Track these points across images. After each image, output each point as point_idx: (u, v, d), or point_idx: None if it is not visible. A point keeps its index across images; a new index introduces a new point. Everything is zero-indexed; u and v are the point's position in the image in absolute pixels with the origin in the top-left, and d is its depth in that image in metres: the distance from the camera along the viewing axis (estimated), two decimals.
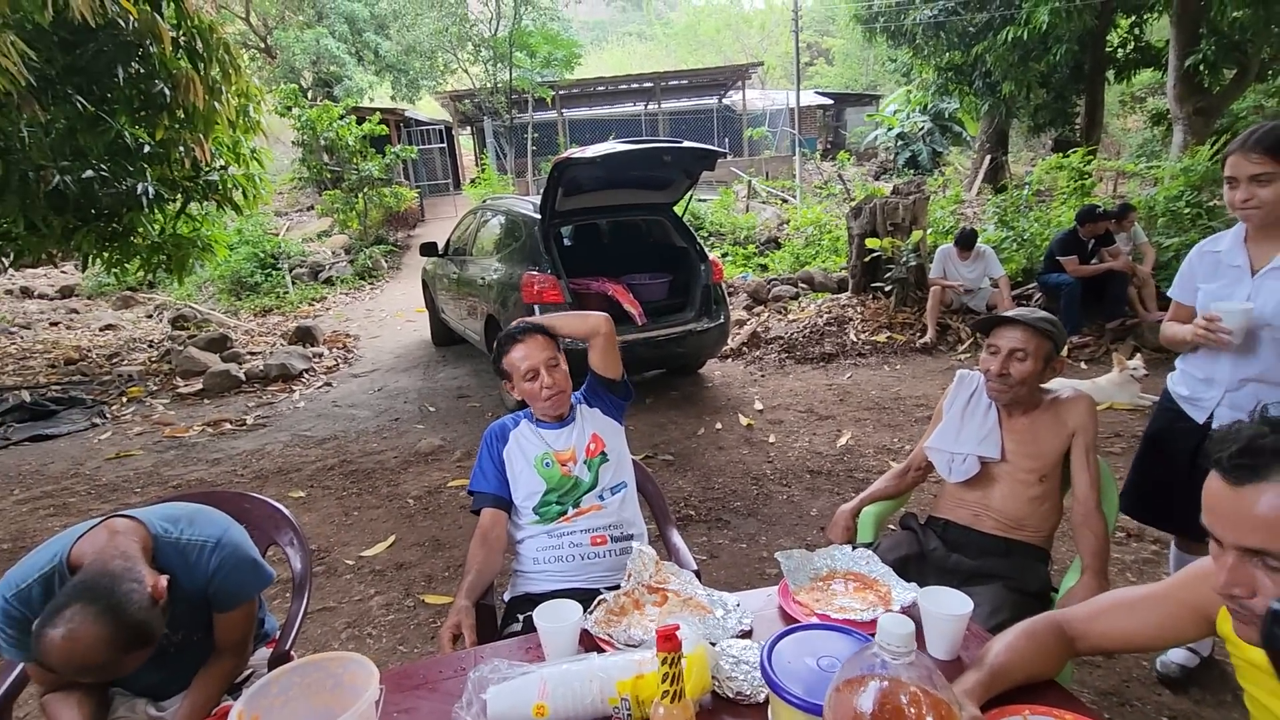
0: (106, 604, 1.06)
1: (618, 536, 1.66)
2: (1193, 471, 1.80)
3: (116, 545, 1.18)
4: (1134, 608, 1.03)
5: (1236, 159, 1.60)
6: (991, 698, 0.98)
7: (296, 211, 16.37)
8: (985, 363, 1.73)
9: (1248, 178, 1.59)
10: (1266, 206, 1.59)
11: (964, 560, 1.69)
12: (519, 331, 1.71)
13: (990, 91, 12.02)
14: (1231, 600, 0.78)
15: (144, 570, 1.15)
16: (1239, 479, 0.74)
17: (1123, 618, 1.03)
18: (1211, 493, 0.78)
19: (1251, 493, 0.73)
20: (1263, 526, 0.73)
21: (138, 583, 1.11)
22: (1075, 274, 5.09)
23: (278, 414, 5.35)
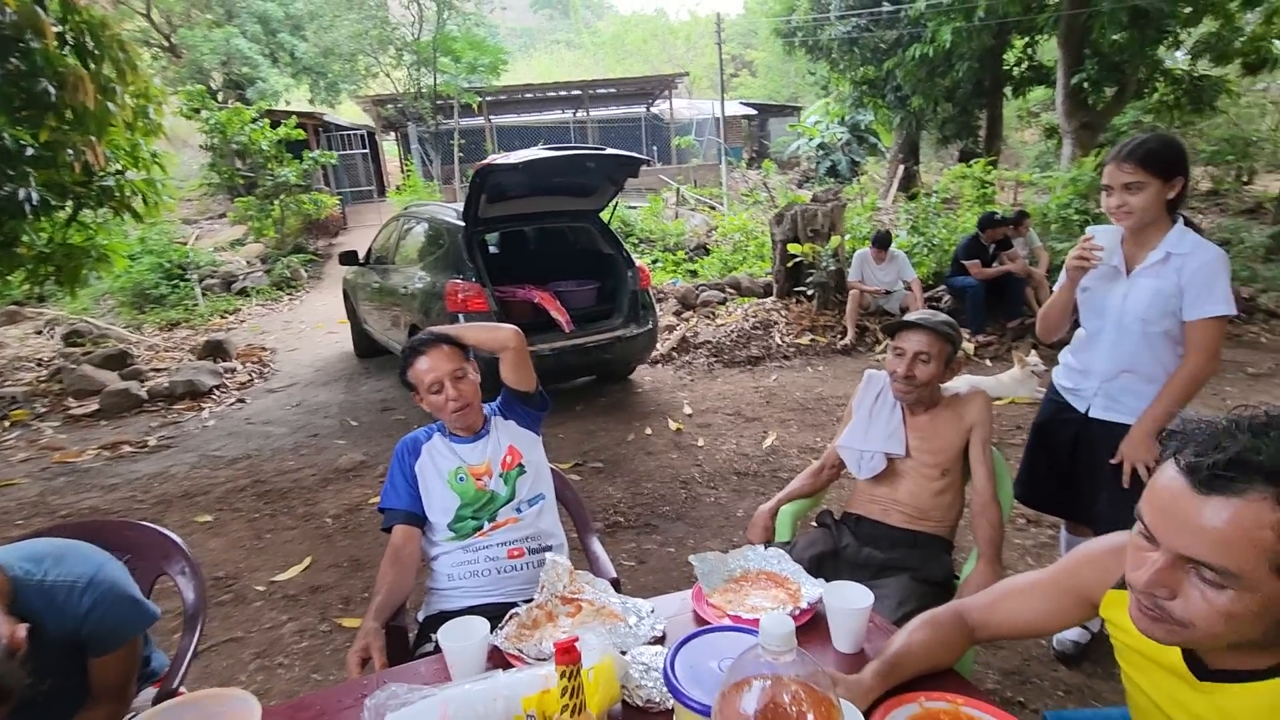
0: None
1: (535, 549, 1.64)
2: (1074, 459, 1.94)
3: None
4: (1025, 595, 1.07)
5: (1111, 168, 1.74)
6: (893, 687, 1.01)
7: (207, 219, 15.49)
8: (892, 364, 1.80)
9: (1121, 185, 1.72)
10: (1138, 212, 1.72)
11: (875, 554, 1.75)
12: (423, 343, 1.66)
13: (901, 105, 12.65)
14: (1148, 597, 0.76)
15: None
16: (1210, 489, 0.70)
17: (1016, 606, 1.07)
18: (1170, 493, 0.73)
19: (1217, 505, 0.69)
20: (1214, 540, 0.69)
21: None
22: (978, 277, 5.41)
23: (184, 434, 5.03)
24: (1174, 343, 1.78)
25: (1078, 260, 1.78)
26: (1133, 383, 1.83)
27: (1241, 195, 13.93)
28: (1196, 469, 0.71)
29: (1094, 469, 1.90)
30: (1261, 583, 0.69)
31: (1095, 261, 1.75)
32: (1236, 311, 1.75)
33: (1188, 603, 0.73)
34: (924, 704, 0.99)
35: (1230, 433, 0.71)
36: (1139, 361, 1.81)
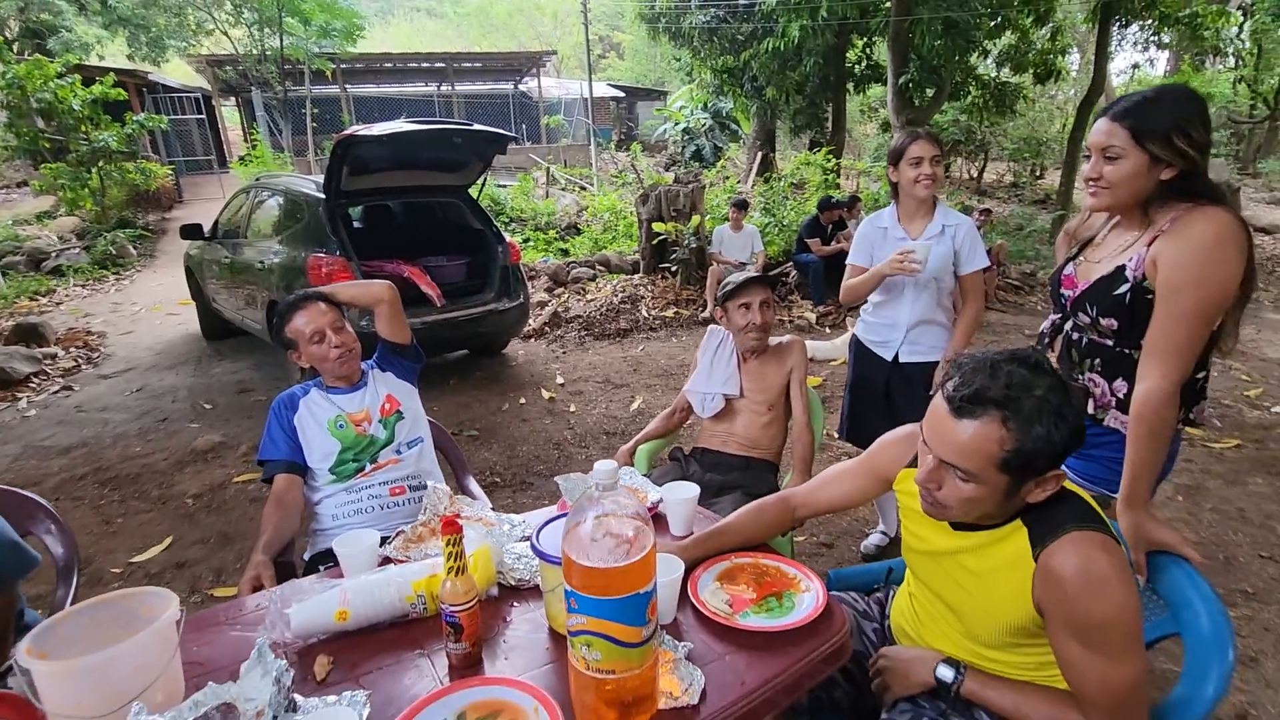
0: None
1: (415, 486, 1.80)
2: (887, 401, 2.36)
3: None
4: (839, 478, 1.36)
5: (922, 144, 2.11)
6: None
7: (2, 188, 13.44)
8: (744, 318, 2.10)
9: (930, 158, 2.11)
10: (940, 181, 2.15)
11: (715, 477, 2.08)
12: (299, 299, 1.76)
13: (757, 94, 13.43)
14: (924, 488, 1.06)
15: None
16: (958, 414, 0.98)
17: (832, 488, 1.36)
18: (936, 414, 1.02)
19: (964, 425, 0.97)
20: (961, 450, 0.97)
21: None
22: (818, 254, 6.05)
23: (1, 425, 4.53)
24: (947, 292, 2.25)
25: (897, 269, 2.10)
26: (927, 327, 2.28)
27: (1035, 188, 16.22)
28: (952, 399, 0.99)
29: (905, 403, 2.34)
30: (991, 478, 0.98)
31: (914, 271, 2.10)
32: (989, 263, 2.24)
33: (946, 491, 1.02)
34: (734, 560, 1.29)
35: (976, 371, 0.99)
36: (930, 310, 2.26)
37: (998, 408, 0.96)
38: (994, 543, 1.07)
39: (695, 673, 0.99)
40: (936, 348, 2.27)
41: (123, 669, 0.89)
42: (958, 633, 1.16)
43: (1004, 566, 1.05)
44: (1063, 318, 1.51)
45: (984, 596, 1.09)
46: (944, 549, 1.14)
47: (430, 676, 1.04)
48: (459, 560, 1.02)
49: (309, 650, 1.10)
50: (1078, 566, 0.96)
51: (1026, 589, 1.02)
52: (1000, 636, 1.09)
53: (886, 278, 2.22)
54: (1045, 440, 0.96)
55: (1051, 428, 0.95)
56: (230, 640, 1.14)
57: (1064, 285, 1.48)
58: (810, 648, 1.08)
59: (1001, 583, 1.06)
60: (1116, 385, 1.41)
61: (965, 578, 1.11)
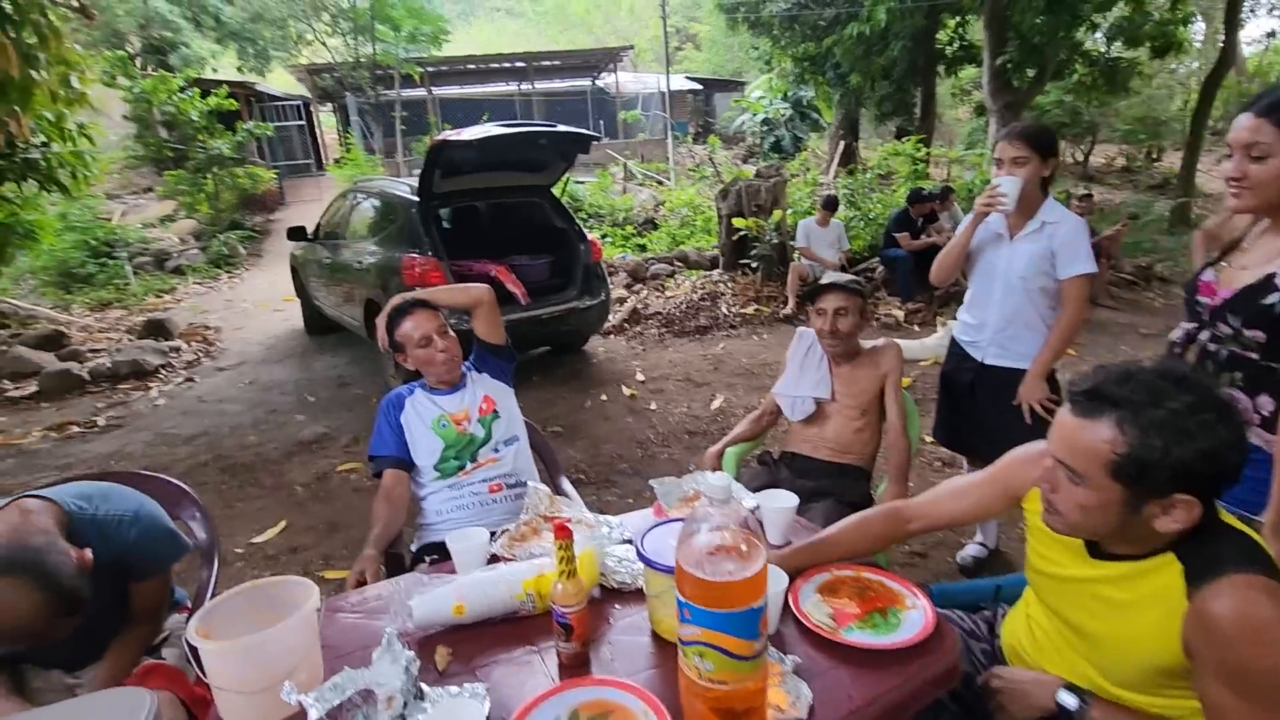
0: (39, 572, 1.11)
1: (513, 484, 1.87)
2: (973, 401, 2.28)
3: (32, 523, 1.21)
4: (961, 493, 1.29)
5: (1003, 145, 2.05)
6: None
7: (131, 194, 14.75)
8: (817, 324, 2.09)
9: (1010, 159, 2.02)
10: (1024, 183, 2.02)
11: (806, 483, 2.05)
12: (406, 306, 1.86)
13: (840, 82, 13.03)
14: (1041, 490, 1.03)
15: (66, 544, 1.19)
16: (1075, 409, 0.96)
17: (951, 502, 1.29)
18: (1060, 414, 1.00)
19: (1078, 422, 0.95)
20: (1071, 447, 0.95)
21: (64, 555, 1.16)
22: (907, 249, 5.83)
23: (134, 414, 5.00)
24: (1047, 296, 2.13)
25: (985, 205, 2.05)
26: (1018, 331, 2.17)
27: (1151, 172, 14.98)
28: (1073, 394, 0.98)
29: (990, 409, 2.25)
30: (1102, 483, 0.94)
31: (1000, 206, 2.02)
32: (1095, 269, 2.09)
33: (1060, 496, 0.99)
34: (835, 572, 1.27)
35: (1108, 372, 0.96)
36: (1022, 313, 2.14)
37: (1114, 407, 0.93)
38: (1140, 575, 1.01)
39: (802, 687, 0.99)
40: (1026, 355, 2.15)
41: (275, 650, 0.98)
42: (1086, 663, 1.10)
43: (1150, 601, 0.99)
44: (1198, 327, 1.40)
45: (1123, 631, 1.03)
46: (1078, 575, 1.08)
47: (542, 673, 1.09)
48: (570, 564, 1.06)
49: (429, 640, 1.17)
50: (1239, 611, 0.89)
51: (1175, 629, 0.96)
52: (1137, 675, 1.03)
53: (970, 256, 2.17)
54: (1161, 453, 0.90)
55: (1174, 444, 0.89)
56: (358, 627, 1.23)
57: (1201, 292, 1.37)
58: (919, 668, 1.06)
59: (1146, 619, 1.00)
60: (1261, 402, 1.30)
61: (1102, 608, 1.06)
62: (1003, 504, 1.25)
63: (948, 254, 2.24)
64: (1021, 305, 2.14)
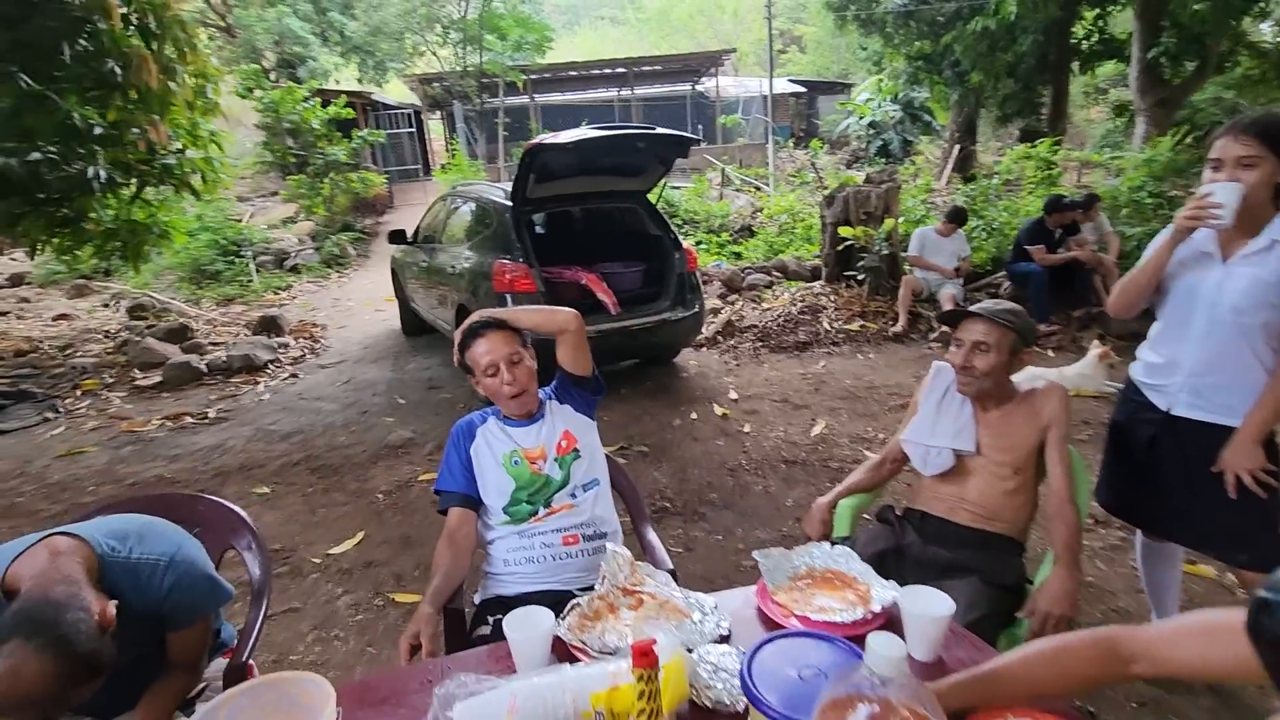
0: (51, 636, 0.97)
1: (590, 535, 1.62)
2: (1152, 463, 1.81)
3: (58, 568, 1.08)
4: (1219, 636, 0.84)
5: (1226, 142, 1.57)
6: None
7: (260, 197, 15.91)
8: (951, 355, 1.73)
9: (1234, 159, 1.55)
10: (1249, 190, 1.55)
11: (941, 552, 1.68)
12: (481, 326, 1.65)
13: (959, 81, 12.13)
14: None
15: (90, 596, 1.06)
16: None
17: (1201, 644, 0.87)
18: None
19: None
20: None
21: (84, 611, 1.02)
22: (1042, 263, 5.17)
23: (241, 407, 5.19)
24: (1271, 336, 1.62)
25: (1191, 218, 1.59)
26: (1223, 379, 1.68)
27: None
28: None
29: (1177, 473, 1.78)
30: None
31: (1213, 220, 1.57)
32: None
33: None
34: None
35: None
36: (1230, 355, 1.65)
37: None
38: None
39: None
40: (1230, 409, 1.65)
41: None
42: None
43: None
44: None
45: None
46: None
47: None
48: (653, 701, 0.78)
49: None
50: None
51: None
52: None
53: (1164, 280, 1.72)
54: None
55: None
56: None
57: None
58: None
59: None
60: None
61: None
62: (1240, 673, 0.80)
63: (1134, 280, 1.76)
64: (1231, 344, 1.64)
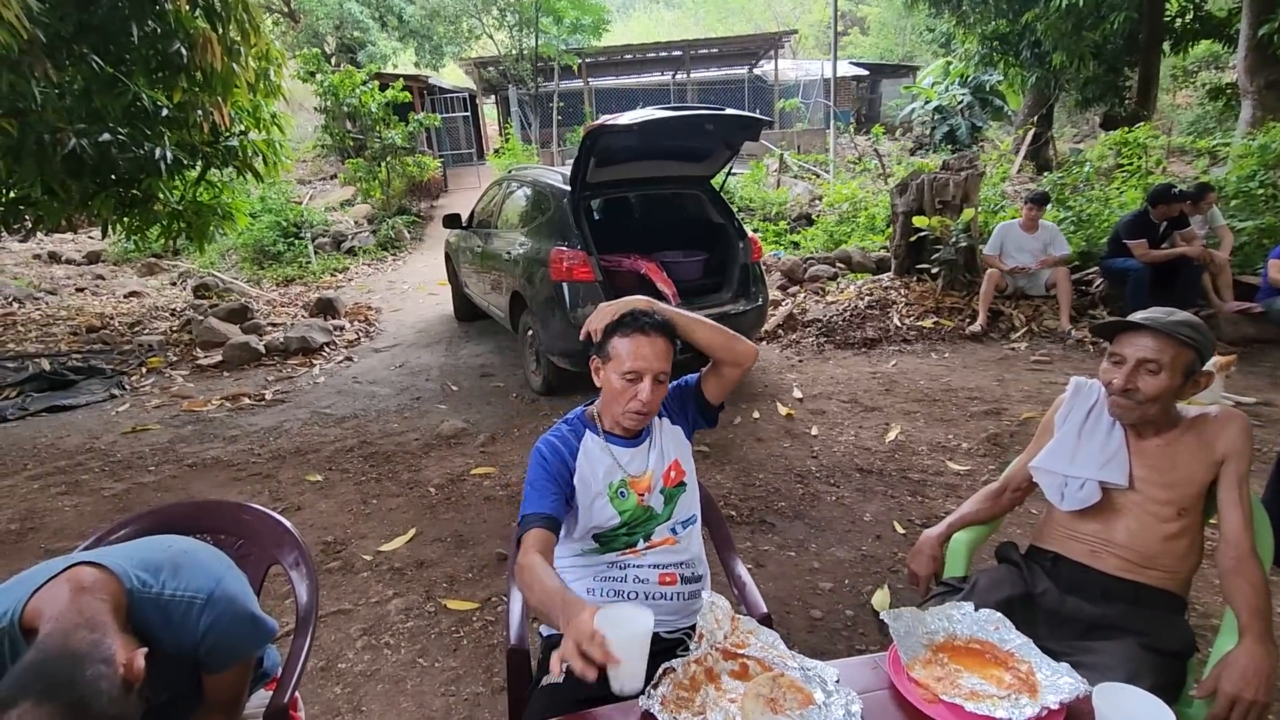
0: (68, 700, 0.83)
1: (689, 577, 1.41)
2: None
3: (81, 609, 0.94)
4: None
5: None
6: None
7: (319, 180, 16.22)
8: (1107, 374, 1.45)
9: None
10: None
11: (1084, 606, 1.42)
12: (649, 325, 1.39)
13: (1039, 63, 11.39)
14: None
15: (114, 644, 0.92)
16: None
17: None
18: None
19: None
20: None
21: (106, 664, 0.88)
22: (1144, 259, 4.70)
23: (297, 389, 5.19)
24: None
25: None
26: None
27: None
28: None
29: None
30: None
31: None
32: None
33: None
34: None
35: None
36: None
37: None
38: None
39: None
40: None
41: None
42: None
43: None
44: None
45: None
46: None
47: None
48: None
49: None
50: None
51: None
52: None
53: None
54: None
55: None
56: None
57: None
58: None
59: None
60: None
61: None
62: None
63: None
64: None
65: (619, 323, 1.40)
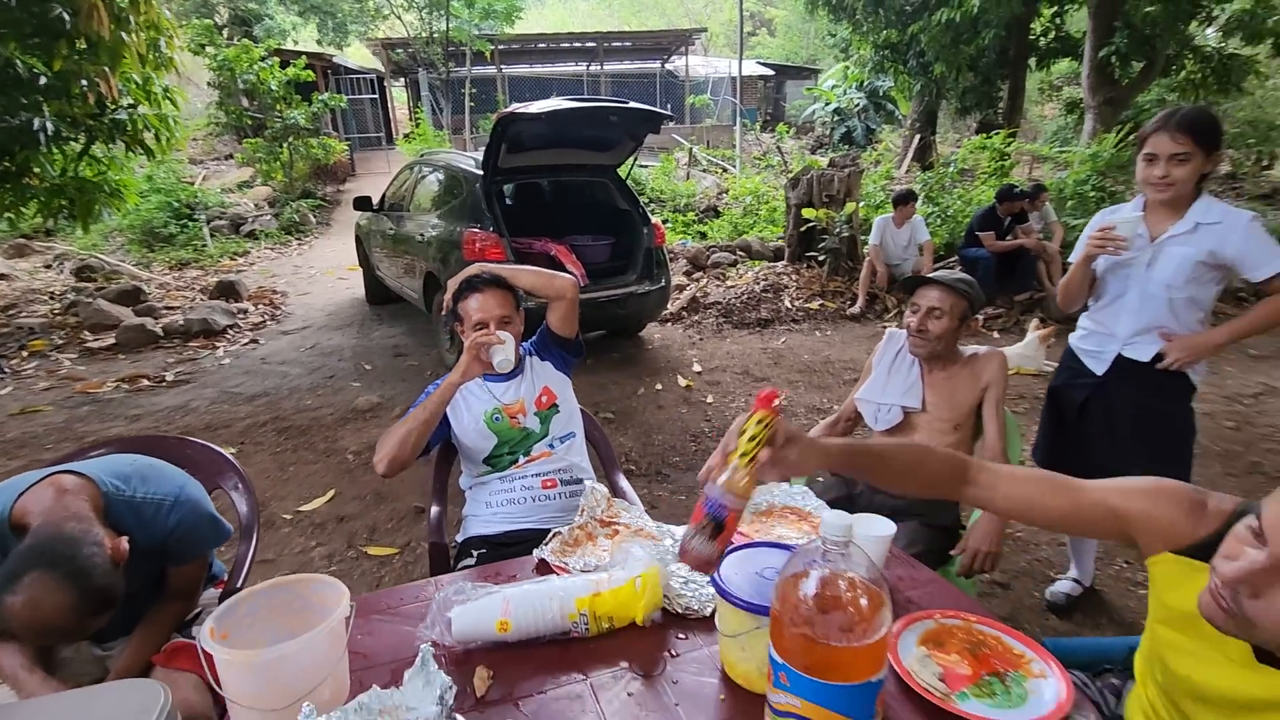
0: (69, 569, 1.02)
1: (567, 480, 1.73)
2: (1081, 425, 2.02)
3: (66, 505, 1.13)
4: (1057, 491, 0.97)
5: (1163, 139, 1.71)
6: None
7: (213, 160, 15.32)
8: (907, 319, 1.88)
9: (1169, 156, 1.71)
10: (1179, 184, 1.73)
11: (886, 500, 1.84)
12: (481, 282, 1.71)
13: (923, 72, 12.38)
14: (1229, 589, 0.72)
15: (101, 532, 1.11)
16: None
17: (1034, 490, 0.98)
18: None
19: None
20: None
21: (98, 545, 1.08)
22: (991, 249, 5.43)
23: (201, 370, 5.12)
24: (1197, 307, 1.84)
25: (1096, 247, 1.82)
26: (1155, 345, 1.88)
27: (1259, 180, 13.78)
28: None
29: (1102, 430, 1.98)
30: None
31: (1118, 252, 1.79)
32: None
33: (1267, 606, 0.69)
34: (939, 620, 1.08)
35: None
36: (1161, 324, 1.86)
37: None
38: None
39: None
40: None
41: (296, 665, 0.87)
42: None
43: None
44: None
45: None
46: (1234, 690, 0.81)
47: (593, 712, 0.94)
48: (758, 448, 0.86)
49: (468, 658, 1.04)
50: None
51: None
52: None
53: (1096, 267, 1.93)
54: None
55: None
56: (391, 633, 1.11)
57: None
58: None
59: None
60: None
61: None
62: (1107, 531, 0.94)
63: (1068, 284, 1.99)
64: (1161, 316, 1.85)
65: (459, 290, 1.73)
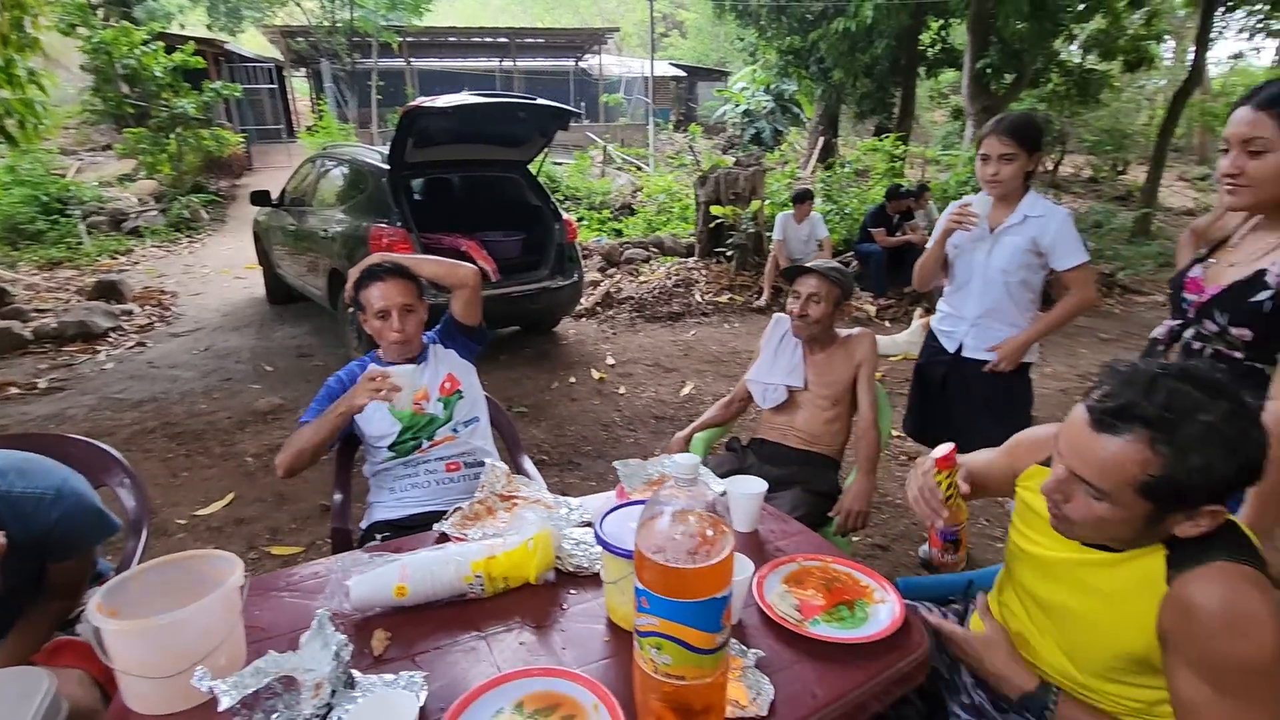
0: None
1: (471, 463, 1.78)
2: (943, 396, 2.26)
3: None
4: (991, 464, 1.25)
5: (991, 140, 2.01)
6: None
7: (89, 150, 14.11)
8: (790, 305, 2.05)
9: (997, 156, 2.00)
10: (1006, 180, 2.02)
11: (773, 470, 2.00)
12: (382, 270, 1.73)
13: (823, 77, 13.02)
14: (1050, 499, 0.97)
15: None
16: (1100, 428, 0.88)
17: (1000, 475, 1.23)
18: (1074, 426, 0.92)
19: (1104, 440, 0.87)
20: (1096, 466, 0.88)
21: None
22: (882, 244, 5.83)
23: (79, 376, 4.76)
24: (1029, 289, 2.13)
25: (954, 222, 2.06)
26: (995, 325, 2.17)
27: (1115, 184, 15.32)
28: (1094, 411, 0.89)
29: (959, 401, 2.24)
30: (1127, 500, 0.88)
31: (970, 226, 2.04)
32: (1088, 257, 2.07)
33: (1075, 507, 0.93)
34: (801, 563, 1.22)
35: (1128, 383, 0.88)
36: (1001, 305, 2.15)
37: (1146, 427, 0.85)
38: (1125, 561, 0.96)
39: (764, 682, 0.94)
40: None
41: (189, 632, 0.89)
42: (1058, 651, 1.06)
43: (1133, 588, 0.94)
44: (1183, 324, 1.37)
45: (1102, 616, 0.98)
46: (1061, 558, 1.03)
47: (487, 661, 1.01)
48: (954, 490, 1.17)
49: (366, 623, 1.09)
50: (1222, 600, 0.85)
51: (1151, 615, 0.91)
52: (1109, 663, 0.99)
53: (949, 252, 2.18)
54: (1203, 473, 0.84)
55: (1217, 460, 0.83)
56: (290, 607, 1.14)
57: (1188, 289, 1.35)
58: (886, 664, 1.01)
59: (1126, 607, 0.95)
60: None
61: (1082, 592, 1.01)
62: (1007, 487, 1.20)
63: (924, 263, 2.24)
64: (1001, 299, 2.14)
65: (361, 278, 1.75)
